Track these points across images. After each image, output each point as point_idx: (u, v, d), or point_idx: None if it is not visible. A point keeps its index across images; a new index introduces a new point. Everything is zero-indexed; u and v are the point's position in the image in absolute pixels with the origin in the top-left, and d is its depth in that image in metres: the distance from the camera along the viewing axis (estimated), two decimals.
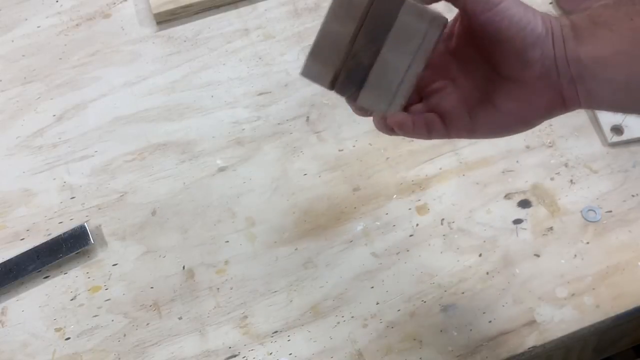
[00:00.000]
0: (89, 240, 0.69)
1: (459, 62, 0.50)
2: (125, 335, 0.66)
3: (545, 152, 0.73)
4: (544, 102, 0.48)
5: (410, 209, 0.71)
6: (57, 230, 0.71)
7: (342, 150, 0.74)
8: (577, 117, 0.75)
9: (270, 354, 0.64)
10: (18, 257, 0.69)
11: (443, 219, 0.70)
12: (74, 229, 0.70)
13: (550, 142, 0.74)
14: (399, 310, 0.66)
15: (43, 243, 0.70)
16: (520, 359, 0.63)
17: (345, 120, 0.76)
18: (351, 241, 0.69)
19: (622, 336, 0.72)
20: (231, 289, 0.67)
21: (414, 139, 0.74)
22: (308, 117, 0.77)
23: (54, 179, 0.74)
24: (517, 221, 0.70)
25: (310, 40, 0.81)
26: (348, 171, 0.73)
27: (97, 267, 0.69)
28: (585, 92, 0.47)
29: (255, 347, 0.64)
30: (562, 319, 0.64)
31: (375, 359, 0.63)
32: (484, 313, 0.65)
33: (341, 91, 0.48)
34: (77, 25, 0.85)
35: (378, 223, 0.70)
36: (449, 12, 0.48)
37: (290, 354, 0.64)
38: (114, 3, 0.86)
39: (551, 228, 0.69)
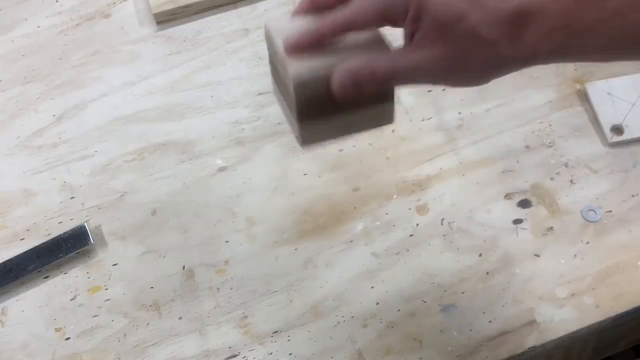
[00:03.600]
0: (89, 240, 0.69)
1: None
2: (125, 335, 0.65)
3: (545, 152, 0.73)
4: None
5: (410, 209, 0.71)
6: (57, 230, 0.71)
7: (342, 150, 0.74)
8: (577, 117, 0.75)
9: (270, 354, 0.64)
10: (18, 257, 0.69)
11: (443, 219, 0.70)
12: (74, 229, 0.70)
13: (550, 142, 0.74)
14: (399, 310, 0.66)
15: (43, 243, 0.70)
16: (520, 359, 0.63)
17: None
18: (351, 241, 0.69)
19: (622, 336, 0.72)
20: (231, 289, 0.67)
21: (414, 139, 0.74)
22: None
23: (54, 179, 0.74)
24: (517, 221, 0.70)
25: None
26: (348, 171, 0.73)
27: (97, 267, 0.69)
28: None
29: (255, 347, 0.64)
30: (562, 319, 0.64)
31: (375, 359, 0.63)
32: (484, 313, 0.65)
33: None
34: (77, 25, 0.85)
35: (378, 223, 0.70)
36: None
37: (290, 354, 0.64)
38: (114, 3, 0.86)
39: (551, 228, 0.69)
